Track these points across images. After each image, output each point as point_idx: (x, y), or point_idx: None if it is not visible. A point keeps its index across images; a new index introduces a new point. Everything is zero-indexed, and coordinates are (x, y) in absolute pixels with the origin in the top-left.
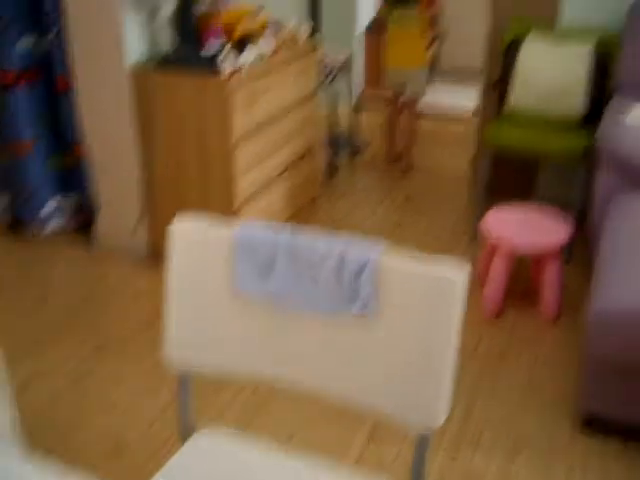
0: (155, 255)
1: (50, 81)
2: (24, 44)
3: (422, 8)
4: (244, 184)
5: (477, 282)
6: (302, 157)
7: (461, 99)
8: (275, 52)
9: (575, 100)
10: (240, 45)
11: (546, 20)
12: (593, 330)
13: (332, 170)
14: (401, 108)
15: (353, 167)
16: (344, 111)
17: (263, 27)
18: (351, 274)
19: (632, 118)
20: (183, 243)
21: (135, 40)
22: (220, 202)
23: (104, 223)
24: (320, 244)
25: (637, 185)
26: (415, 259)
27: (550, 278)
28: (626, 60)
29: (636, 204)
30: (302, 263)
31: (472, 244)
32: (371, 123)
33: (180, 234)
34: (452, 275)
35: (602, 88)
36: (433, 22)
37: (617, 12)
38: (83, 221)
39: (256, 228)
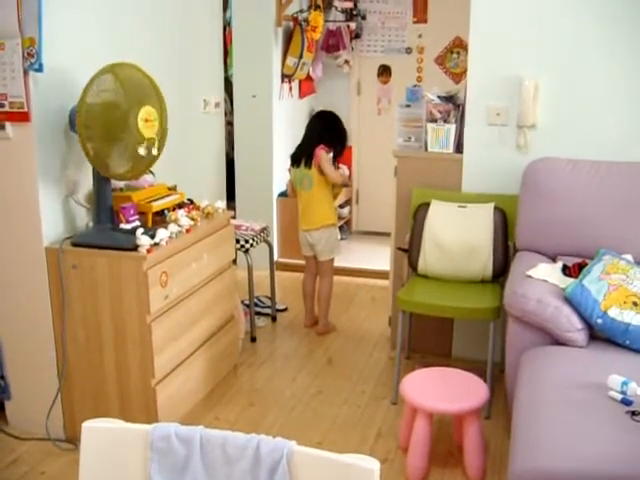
0: (72, 439)
1: None
2: None
3: (317, 168)
4: (163, 359)
5: (400, 447)
6: (222, 326)
7: (376, 260)
8: (191, 228)
9: (483, 257)
10: (156, 222)
11: (449, 189)
12: None
13: (253, 336)
14: (317, 270)
15: (274, 331)
16: (263, 276)
17: (179, 204)
18: (266, 473)
19: (535, 274)
20: (96, 444)
21: (51, 221)
22: (138, 380)
23: (17, 405)
24: (233, 444)
25: (545, 339)
26: (327, 452)
27: (471, 439)
28: (524, 219)
29: (544, 358)
30: (216, 463)
31: (393, 408)
32: (289, 286)
33: (93, 435)
34: (366, 464)
35: (507, 245)
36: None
37: (513, 178)
38: None
39: (170, 428)
